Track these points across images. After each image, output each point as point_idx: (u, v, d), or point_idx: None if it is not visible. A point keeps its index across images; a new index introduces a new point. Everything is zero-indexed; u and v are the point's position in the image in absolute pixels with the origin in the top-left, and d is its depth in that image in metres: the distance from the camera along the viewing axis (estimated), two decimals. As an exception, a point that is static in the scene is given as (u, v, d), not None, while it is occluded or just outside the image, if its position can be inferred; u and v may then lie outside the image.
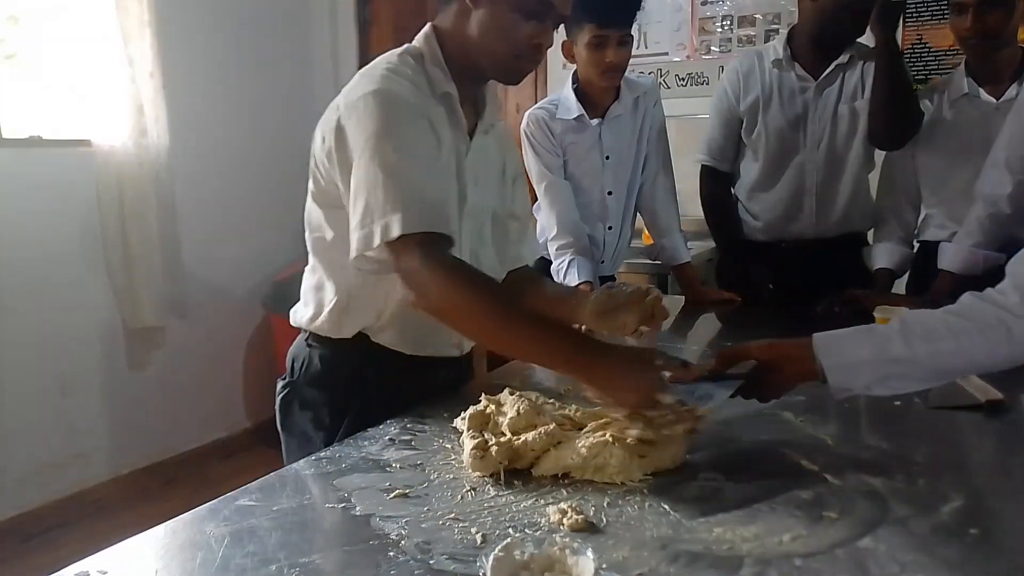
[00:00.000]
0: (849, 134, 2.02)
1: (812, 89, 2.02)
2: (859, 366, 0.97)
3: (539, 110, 2.03)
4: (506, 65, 1.22)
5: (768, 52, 2.09)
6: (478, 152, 1.30)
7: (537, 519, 0.85)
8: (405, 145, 1.10)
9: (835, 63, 1.99)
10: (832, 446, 1.05)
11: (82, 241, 2.83)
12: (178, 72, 3.05)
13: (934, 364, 0.97)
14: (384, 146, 1.09)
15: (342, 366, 1.28)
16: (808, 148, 2.05)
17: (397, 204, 1.06)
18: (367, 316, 1.26)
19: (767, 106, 2.05)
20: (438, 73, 1.22)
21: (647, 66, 3.26)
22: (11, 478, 2.67)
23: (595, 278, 1.97)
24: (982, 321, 0.95)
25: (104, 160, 2.82)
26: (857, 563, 0.75)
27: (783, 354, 1.02)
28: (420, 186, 1.09)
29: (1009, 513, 0.86)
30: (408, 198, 1.07)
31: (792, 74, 2.03)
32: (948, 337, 0.95)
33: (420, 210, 1.07)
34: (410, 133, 1.12)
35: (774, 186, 2.11)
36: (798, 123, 2.04)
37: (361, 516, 0.87)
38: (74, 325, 2.83)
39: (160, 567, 0.78)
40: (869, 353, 0.97)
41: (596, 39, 1.84)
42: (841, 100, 2.01)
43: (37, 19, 2.86)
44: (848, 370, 0.97)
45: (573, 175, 2.05)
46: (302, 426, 1.31)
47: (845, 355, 0.98)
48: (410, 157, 1.10)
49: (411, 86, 1.17)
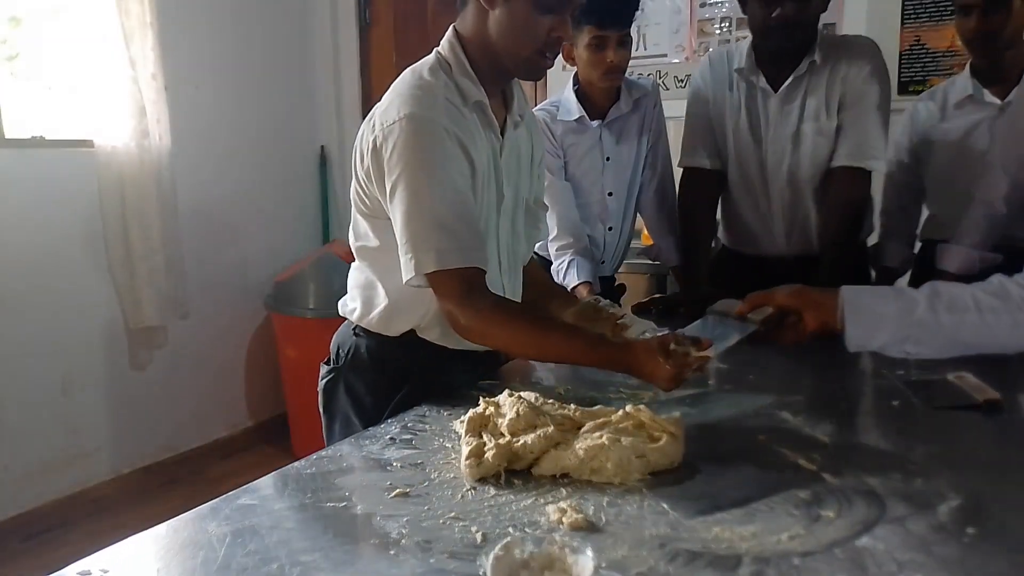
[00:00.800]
0: (814, 157, 1.85)
1: (773, 101, 1.86)
2: (881, 321, 0.99)
3: (540, 112, 2.04)
4: (528, 61, 1.24)
5: (735, 55, 1.91)
6: (511, 147, 1.34)
7: (537, 518, 0.86)
8: (438, 176, 1.16)
9: (793, 74, 1.81)
10: (830, 445, 1.06)
11: (84, 241, 2.84)
12: (180, 73, 3.06)
13: (955, 334, 0.99)
14: (419, 177, 1.16)
15: (388, 359, 1.35)
16: (770, 169, 1.90)
17: (431, 239, 1.15)
18: (415, 317, 1.32)
19: (734, 116, 1.91)
20: (467, 83, 1.25)
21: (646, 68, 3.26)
22: (13, 477, 2.68)
23: (595, 278, 1.97)
24: (1011, 301, 0.96)
25: (106, 160, 2.82)
26: (855, 562, 0.75)
27: (808, 300, 1.06)
28: (453, 220, 1.16)
29: (1007, 512, 0.87)
30: (440, 233, 1.15)
31: (755, 85, 1.87)
32: (974, 310, 0.97)
33: (452, 245, 1.15)
34: (444, 161, 1.17)
35: (741, 207, 1.99)
36: (760, 141, 1.89)
37: (362, 515, 0.87)
38: (76, 324, 2.84)
39: (162, 566, 0.78)
40: (894, 311, 0.98)
41: (596, 40, 1.85)
42: (804, 119, 1.84)
43: (39, 20, 2.86)
44: (869, 324, 0.99)
45: (574, 176, 2.05)
46: (344, 410, 1.37)
47: (869, 308, 0.99)
48: (442, 190, 1.16)
49: (445, 103, 1.20)
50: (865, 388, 1.45)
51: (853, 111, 1.79)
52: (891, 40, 2.85)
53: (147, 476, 3.08)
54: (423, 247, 1.15)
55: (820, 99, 1.81)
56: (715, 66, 1.93)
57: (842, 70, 1.79)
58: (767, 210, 1.96)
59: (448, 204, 1.16)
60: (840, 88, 1.79)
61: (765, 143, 1.88)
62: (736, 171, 1.95)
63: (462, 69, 1.25)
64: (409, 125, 1.16)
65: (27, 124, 2.79)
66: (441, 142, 1.17)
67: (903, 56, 2.85)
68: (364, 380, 1.36)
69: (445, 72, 1.25)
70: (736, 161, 1.94)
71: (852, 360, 1.60)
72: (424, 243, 1.16)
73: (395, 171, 1.17)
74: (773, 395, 1.25)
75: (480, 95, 1.26)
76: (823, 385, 1.38)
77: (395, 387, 1.33)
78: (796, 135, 1.85)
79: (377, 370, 1.35)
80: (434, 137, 1.17)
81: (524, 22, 1.20)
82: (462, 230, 1.17)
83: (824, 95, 1.80)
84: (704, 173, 1.98)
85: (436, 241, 1.15)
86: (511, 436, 0.99)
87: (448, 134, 1.18)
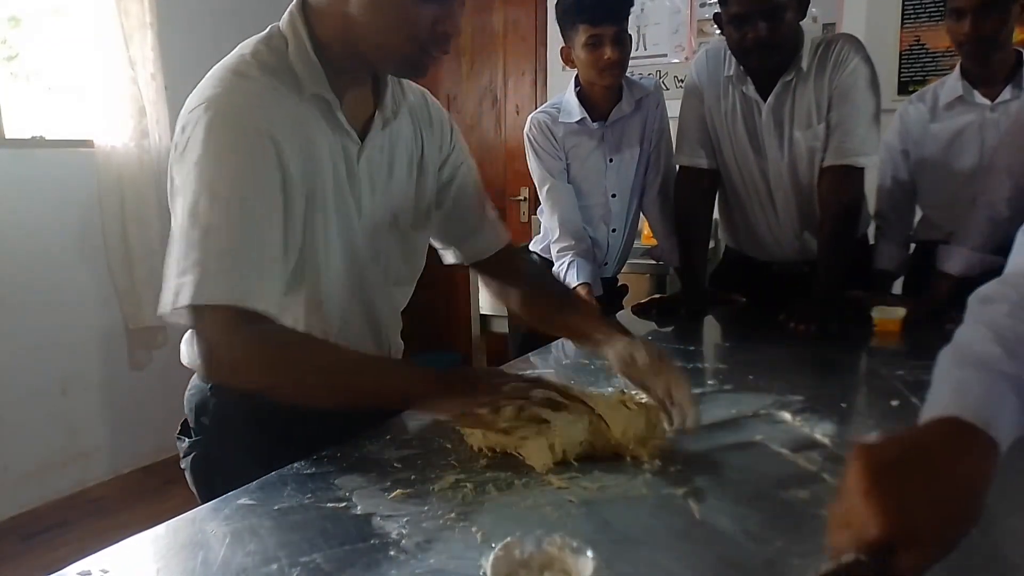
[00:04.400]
0: (811, 163, 1.82)
1: (764, 110, 1.81)
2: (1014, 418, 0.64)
3: (541, 114, 2.04)
4: (403, 59, 1.00)
5: (726, 59, 1.85)
6: (375, 151, 1.09)
7: (537, 518, 0.86)
8: (229, 184, 0.91)
9: (780, 81, 1.78)
10: (830, 446, 1.05)
11: (83, 241, 2.84)
12: (179, 73, 3.05)
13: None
14: (203, 181, 0.91)
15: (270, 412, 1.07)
16: (772, 178, 1.88)
17: (196, 265, 0.89)
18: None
19: (730, 122, 1.87)
20: (305, 70, 1.00)
21: (646, 67, 3.27)
22: (12, 477, 2.68)
23: (595, 279, 1.97)
24: None
25: (106, 160, 2.83)
26: (854, 562, 0.75)
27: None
28: (232, 244, 0.90)
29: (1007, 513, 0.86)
30: (210, 259, 0.89)
31: (747, 92, 1.83)
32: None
33: (222, 275, 0.89)
34: (243, 166, 0.93)
35: (746, 213, 1.97)
36: (759, 149, 1.86)
37: (361, 515, 0.87)
38: (75, 325, 2.84)
39: (161, 566, 0.78)
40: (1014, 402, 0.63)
41: (592, 38, 1.84)
42: (794, 125, 1.81)
43: (39, 20, 2.87)
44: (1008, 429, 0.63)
45: (576, 178, 2.05)
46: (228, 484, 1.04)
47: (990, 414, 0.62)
48: (228, 202, 0.91)
49: (264, 92, 0.96)
50: (865, 388, 1.45)
51: (840, 110, 1.77)
52: (891, 40, 2.85)
53: (146, 476, 3.08)
54: (187, 271, 0.89)
55: (810, 104, 1.79)
56: (710, 65, 1.90)
57: (828, 72, 1.77)
58: (773, 217, 1.95)
59: (236, 223, 0.91)
60: (828, 90, 1.78)
61: (764, 150, 1.86)
62: (739, 180, 1.94)
63: (302, 52, 0.99)
64: (207, 115, 0.92)
65: (27, 124, 2.79)
66: (244, 140, 0.93)
67: (903, 56, 2.86)
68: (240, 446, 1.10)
69: (277, 52, 0.99)
70: (738, 170, 1.92)
71: (852, 360, 1.61)
72: (189, 267, 0.89)
73: (181, 171, 0.93)
74: (773, 395, 1.25)
75: (319, 87, 1.00)
76: (823, 385, 1.38)
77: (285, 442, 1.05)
78: (790, 142, 1.82)
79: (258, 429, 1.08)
80: (236, 133, 0.93)
81: (400, 10, 0.95)
82: (245, 259, 0.91)
83: (813, 99, 1.79)
84: (700, 172, 1.96)
85: (204, 268, 0.89)
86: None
87: (258, 133, 0.94)
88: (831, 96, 1.78)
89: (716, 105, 1.88)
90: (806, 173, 1.85)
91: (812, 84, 1.78)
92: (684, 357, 1.51)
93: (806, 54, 1.76)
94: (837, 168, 1.80)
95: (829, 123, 1.79)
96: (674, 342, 1.72)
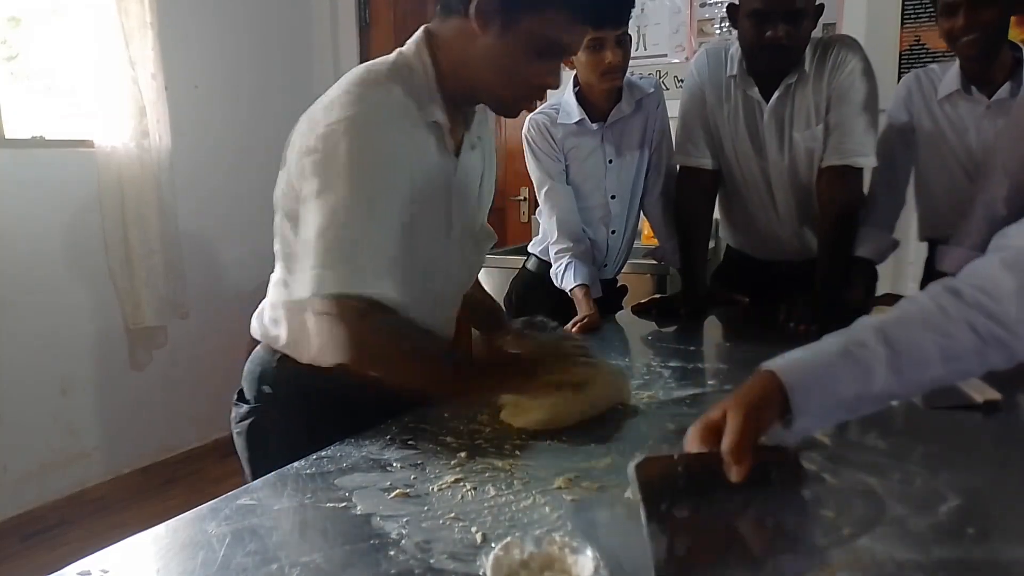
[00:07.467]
0: (811, 165, 1.83)
1: (766, 111, 1.82)
2: (836, 408, 0.83)
3: (540, 115, 2.02)
4: (506, 102, 1.14)
5: (729, 58, 1.85)
6: (464, 171, 1.21)
7: (537, 518, 0.86)
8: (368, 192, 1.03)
9: (784, 82, 1.79)
10: (829, 445, 1.05)
11: (83, 241, 2.84)
12: (180, 74, 3.06)
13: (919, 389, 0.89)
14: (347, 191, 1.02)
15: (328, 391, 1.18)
16: (774, 180, 1.89)
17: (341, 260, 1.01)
18: None
19: (732, 123, 1.87)
20: (427, 98, 1.11)
21: (646, 68, 3.27)
22: (11, 477, 2.68)
23: (593, 281, 1.95)
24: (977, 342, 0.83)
25: (106, 161, 2.82)
26: (855, 562, 0.75)
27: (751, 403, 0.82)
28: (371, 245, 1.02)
29: (1007, 512, 0.87)
30: (355, 255, 1.01)
31: (749, 93, 1.83)
32: (939, 364, 0.82)
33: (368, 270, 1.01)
34: (381, 177, 1.04)
35: (748, 214, 1.99)
36: (761, 150, 1.86)
37: (361, 515, 0.87)
38: (75, 325, 2.84)
39: (161, 566, 0.78)
40: (852, 390, 0.81)
41: (593, 41, 1.83)
42: (794, 127, 1.81)
43: (39, 20, 2.87)
44: (823, 414, 0.83)
45: (576, 179, 2.04)
46: (275, 459, 1.13)
47: (824, 395, 0.80)
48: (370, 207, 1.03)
49: (397, 114, 1.07)
50: (865, 388, 1.45)
51: (839, 111, 1.78)
52: (891, 40, 2.85)
53: (146, 476, 3.08)
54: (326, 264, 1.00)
55: (809, 105, 1.79)
56: (711, 65, 1.89)
57: (826, 74, 1.78)
58: (774, 217, 1.95)
59: (375, 225, 1.03)
60: (826, 92, 1.78)
61: (765, 151, 1.86)
62: (740, 180, 1.94)
63: (428, 81, 1.11)
64: (351, 130, 1.02)
65: (27, 124, 2.79)
66: (381, 155, 1.04)
67: (903, 56, 2.86)
68: (299, 420, 1.17)
69: (404, 78, 1.10)
70: (739, 170, 1.92)
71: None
72: (337, 260, 1.00)
73: (323, 176, 1.03)
74: (773, 395, 1.24)
75: (438, 115, 1.11)
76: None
77: (338, 424, 1.13)
78: (790, 143, 1.83)
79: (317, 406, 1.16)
80: (375, 148, 1.04)
81: (515, 61, 1.07)
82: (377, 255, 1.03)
83: (812, 101, 1.79)
84: (701, 172, 1.95)
85: (348, 261, 1.00)
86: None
87: (395, 146, 1.05)
88: (829, 97, 1.78)
89: (718, 105, 1.88)
90: (806, 174, 1.85)
91: (811, 86, 1.78)
92: (684, 357, 1.51)
93: (807, 56, 1.77)
94: (835, 168, 1.80)
95: (828, 124, 1.79)
96: (674, 342, 1.72)
